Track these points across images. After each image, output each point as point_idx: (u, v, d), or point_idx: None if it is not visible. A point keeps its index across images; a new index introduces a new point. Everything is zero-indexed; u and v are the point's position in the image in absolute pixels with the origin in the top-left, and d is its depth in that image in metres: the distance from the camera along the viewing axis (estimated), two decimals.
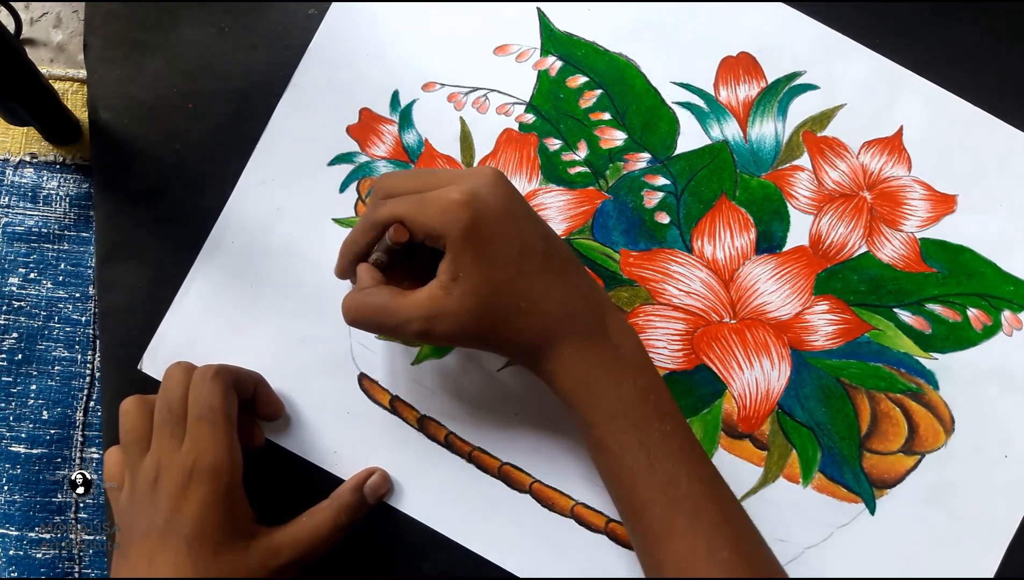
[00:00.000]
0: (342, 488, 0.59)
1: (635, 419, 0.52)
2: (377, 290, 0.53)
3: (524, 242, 0.52)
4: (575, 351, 0.52)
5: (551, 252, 0.54)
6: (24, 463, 0.62)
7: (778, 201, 0.61)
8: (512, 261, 0.52)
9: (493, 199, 0.52)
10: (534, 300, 0.52)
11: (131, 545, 0.53)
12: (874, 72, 0.62)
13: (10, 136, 0.64)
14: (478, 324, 0.51)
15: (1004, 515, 0.60)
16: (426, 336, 0.51)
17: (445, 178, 0.53)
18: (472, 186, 0.51)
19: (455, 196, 0.51)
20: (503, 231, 0.52)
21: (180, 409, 0.55)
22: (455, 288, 0.51)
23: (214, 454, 0.53)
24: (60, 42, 0.66)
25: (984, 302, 0.61)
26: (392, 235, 0.52)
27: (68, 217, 0.64)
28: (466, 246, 0.51)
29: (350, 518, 0.58)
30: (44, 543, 0.62)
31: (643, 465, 0.51)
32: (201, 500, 0.52)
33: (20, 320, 0.63)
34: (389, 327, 0.52)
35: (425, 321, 0.51)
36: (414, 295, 0.51)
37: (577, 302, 0.53)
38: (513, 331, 0.52)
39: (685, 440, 0.53)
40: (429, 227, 0.51)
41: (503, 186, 0.53)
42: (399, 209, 0.52)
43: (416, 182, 0.54)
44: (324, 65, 0.63)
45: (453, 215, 0.50)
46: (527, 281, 0.52)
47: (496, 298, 0.51)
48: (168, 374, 0.57)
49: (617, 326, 0.54)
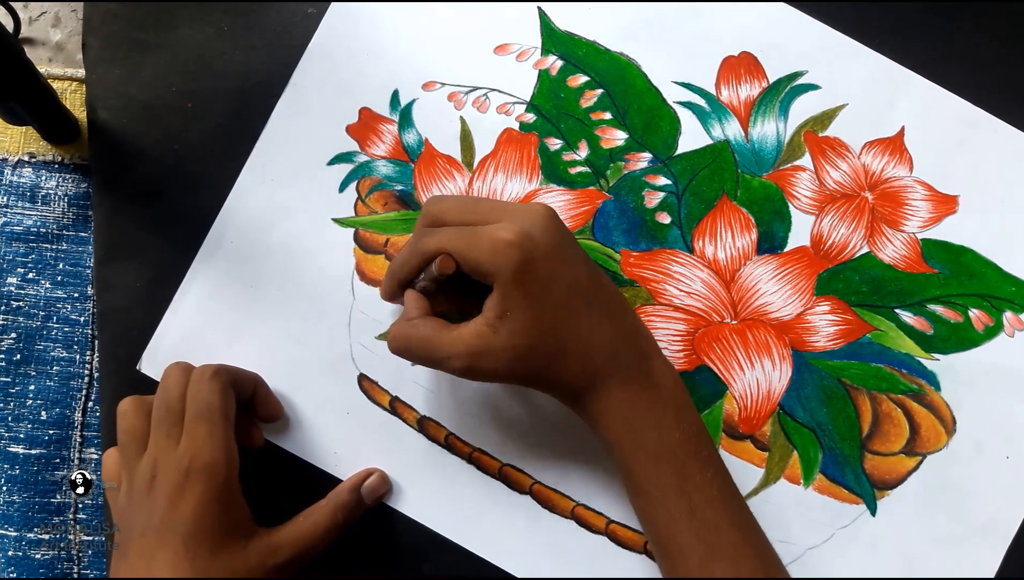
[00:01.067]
0: (340, 488, 0.59)
1: (676, 464, 0.52)
2: (423, 322, 0.53)
3: (573, 282, 0.52)
4: (619, 393, 0.52)
5: (599, 292, 0.53)
6: (23, 463, 0.62)
7: (779, 201, 0.61)
8: (560, 301, 0.52)
9: (544, 239, 0.51)
10: (580, 341, 0.52)
11: (130, 545, 0.53)
12: (876, 72, 0.62)
13: (9, 136, 0.64)
14: (523, 364, 0.51)
15: (1005, 516, 0.59)
16: (469, 373, 0.51)
17: (496, 211, 0.53)
18: (524, 225, 0.51)
19: (507, 236, 0.50)
20: (552, 271, 0.51)
21: (178, 409, 0.55)
22: (502, 326, 0.51)
23: (210, 453, 0.53)
24: (59, 41, 0.66)
25: (986, 303, 0.61)
26: (439, 266, 0.52)
27: (67, 217, 0.64)
28: (515, 286, 0.50)
29: (347, 518, 0.58)
30: (43, 544, 0.62)
31: (684, 511, 0.51)
32: (197, 499, 0.52)
33: (19, 320, 0.63)
34: (433, 361, 0.52)
35: (469, 358, 0.51)
36: (459, 331, 0.51)
37: (622, 343, 0.53)
38: (557, 372, 0.52)
39: (725, 486, 0.53)
40: (478, 264, 0.51)
41: (554, 225, 0.52)
42: (448, 243, 0.52)
43: (465, 212, 0.53)
44: (323, 64, 0.63)
45: (504, 255, 0.50)
46: (574, 321, 0.52)
47: (542, 338, 0.51)
48: (166, 374, 0.57)
49: (661, 368, 0.54)
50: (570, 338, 0.52)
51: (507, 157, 0.62)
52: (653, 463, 0.52)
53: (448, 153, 0.62)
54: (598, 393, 0.52)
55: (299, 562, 0.55)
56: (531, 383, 0.54)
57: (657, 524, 0.52)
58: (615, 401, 0.52)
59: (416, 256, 0.54)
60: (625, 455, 0.52)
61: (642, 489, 0.52)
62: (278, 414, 0.61)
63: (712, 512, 0.51)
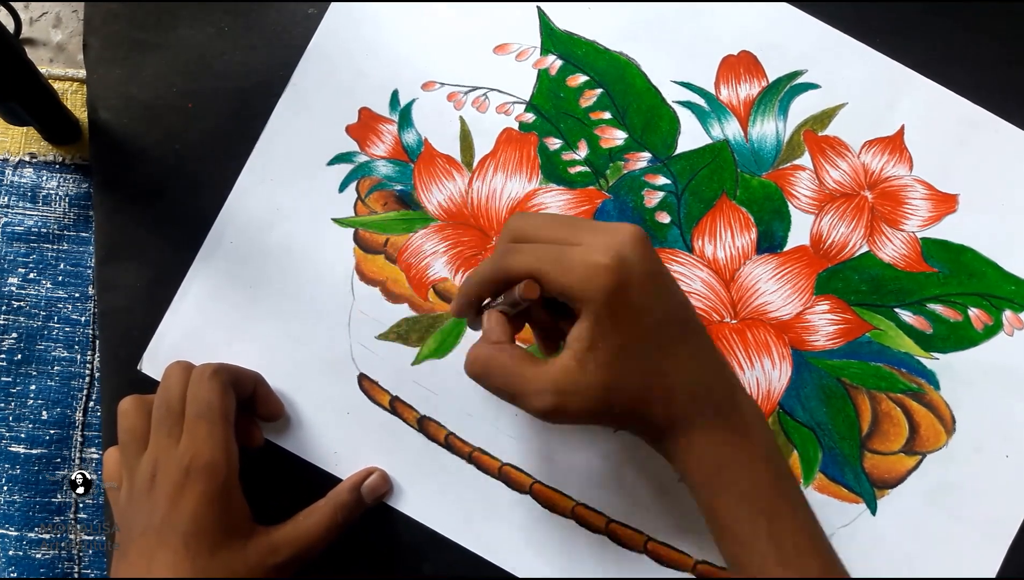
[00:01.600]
0: (340, 487, 0.59)
1: (765, 506, 0.49)
2: (509, 349, 0.50)
3: (664, 313, 0.49)
4: (706, 432, 0.49)
5: (688, 324, 0.50)
6: (24, 463, 0.62)
7: (779, 201, 0.61)
8: (651, 332, 0.48)
9: (640, 265, 0.48)
10: (669, 377, 0.49)
11: (130, 544, 0.53)
12: (875, 71, 0.62)
13: (10, 136, 0.64)
14: (611, 400, 0.48)
15: (1005, 515, 0.59)
16: (556, 413, 0.48)
17: (585, 232, 0.49)
18: (618, 248, 0.47)
19: (602, 259, 0.47)
20: (646, 300, 0.48)
21: (178, 408, 0.55)
22: (590, 360, 0.47)
23: (211, 452, 0.53)
24: (60, 42, 0.66)
25: (985, 302, 0.61)
26: (523, 291, 0.48)
27: (68, 217, 0.64)
28: (607, 314, 0.47)
29: (346, 517, 0.58)
30: (44, 543, 0.62)
31: (774, 556, 0.48)
32: (197, 498, 0.52)
33: (20, 320, 0.63)
34: (514, 394, 0.49)
35: (557, 396, 0.47)
36: (545, 366, 0.48)
37: (711, 381, 0.50)
38: (645, 410, 0.49)
39: (815, 530, 0.50)
40: (568, 288, 0.47)
41: (649, 250, 0.49)
42: (536, 262, 0.48)
43: (554, 230, 0.50)
44: (323, 65, 0.63)
45: (598, 280, 0.46)
46: (664, 356, 0.49)
47: (632, 374, 0.48)
48: (167, 373, 0.57)
49: (747, 406, 0.51)
50: (659, 374, 0.48)
51: (507, 157, 0.62)
52: (741, 505, 0.49)
53: (448, 153, 0.62)
54: (685, 432, 0.49)
55: (299, 561, 0.55)
56: (615, 422, 0.50)
57: (746, 567, 0.49)
58: (703, 441, 0.49)
59: (499, 273, 0.50)
60: (712, 496, 0.49)
61: (730, 531, 0.49)
62: (279, 413, 0.61)
63: (804, 559, 0.49)
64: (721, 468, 0.49)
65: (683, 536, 0.60)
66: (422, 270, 0.61)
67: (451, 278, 0.61)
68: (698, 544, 0.60)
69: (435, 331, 0.61)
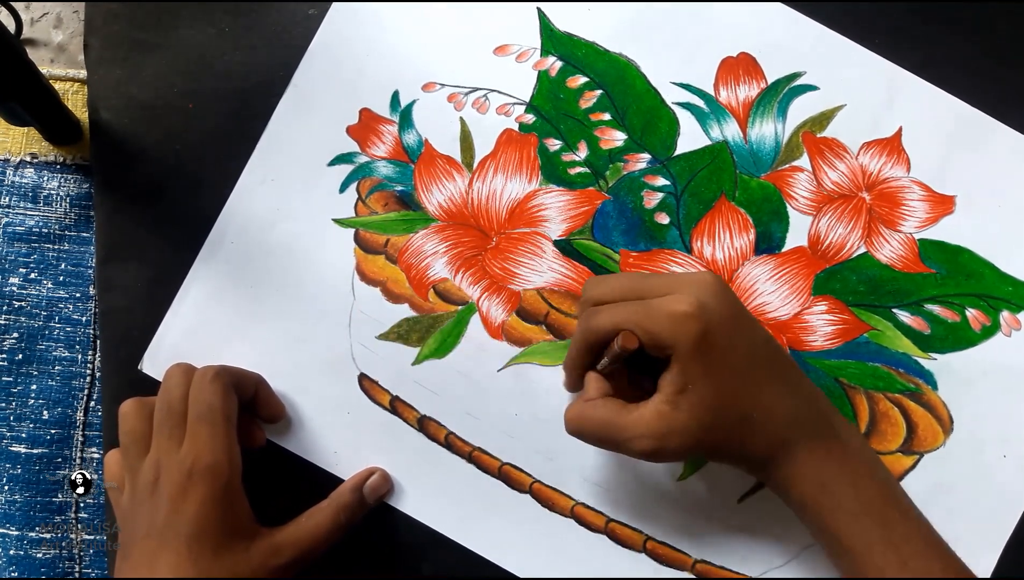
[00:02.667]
0: (342, 488, 0.59)
1: (878, 517, 0.50)
2: (602, 402, 0.52)
3: (750, 349, 0.52)
4: (809, 456, 0.51)
5: (775, 357, 0.53)
6: (24, 463, 0.62)
7: (777, 202, 0.61)
8: (739, 370, 0.51)
9: (720, 308, 0.51)
10: (763, 409, 0.51)
11: (133, 546, 0.53)
12: (874, 73, 0.62)
13: (10, 136, 0.64)
14: (708, 437, 0.50)
15: (1002, 515, 0.60)
16: (656, 455, 0.50)
17: (662, 285, 0.52)
18: (699, 296, 0.50)
19: (684, 307, 0.50)
20: (730, 340, 0.51)
21: (180, 410, 0.55)
22: (682, 401, 0.50)
23: (213, 454, 0.53)
24: (60, 42, 0.66)
25: (983, 302, 0.61)
26: (622, 342, 0.50)
27: (68, 217, 0.64)
28: (695, 358, 0.50)
29: (349, 518, 0.58)
30: (44, 543, 0.62)
31: (894, 563, 0.50)
32: (200, 500, 0.52)
33: (21, 320, 0.63)
34: (614, 442, 0.51)
35: (655, 439, 0.50)
36: (639, 411, 0.50)
37: (804, 407, 0.52)
38: (743, 443, 0.51)
39: (930, 534, 0.52)
40: (656, 337, 0.50)
41: (727, 293, 0.52)
42: (623, 318, 0.51)
43: (632, 289, 0.53)
44: (324, 65, 0.63)
45: (683, 327, 0.49)
46: (755, 388, 0.51)
47: (725, 410, 0.50)
48: (168, 375, 0.57)
49: (842, 423, 0.53)
50: (753, 407, 0.51)
51: (507, 158, 0.62)
52: (854, 520, 0.50)
53: (448, 154, 0.62)
54: (788, 459, 0.51)
55: (301, 562, 0.55)
56: (716, 457, 0.53)
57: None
58: (806, 465, 0.51)
59: (589, 335, 0.53)
60: (823, 515, 0.51)
61: (845, 547, 0.50)
62: (280, 415, 0.61)
63: (924, 562, 0.50)
64: (827, 485, 0.51)
65: (682, 535, 0.60)
66: (422, 270, 0.61)
67: (451, 278, 0.61)
68: (697, 543, 0.60)
69: (435, 331, 0.61)
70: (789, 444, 0.51)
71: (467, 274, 0.61)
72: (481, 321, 0.61)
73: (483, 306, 0.61)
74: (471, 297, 0.61)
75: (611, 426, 0.51)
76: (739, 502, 0.60)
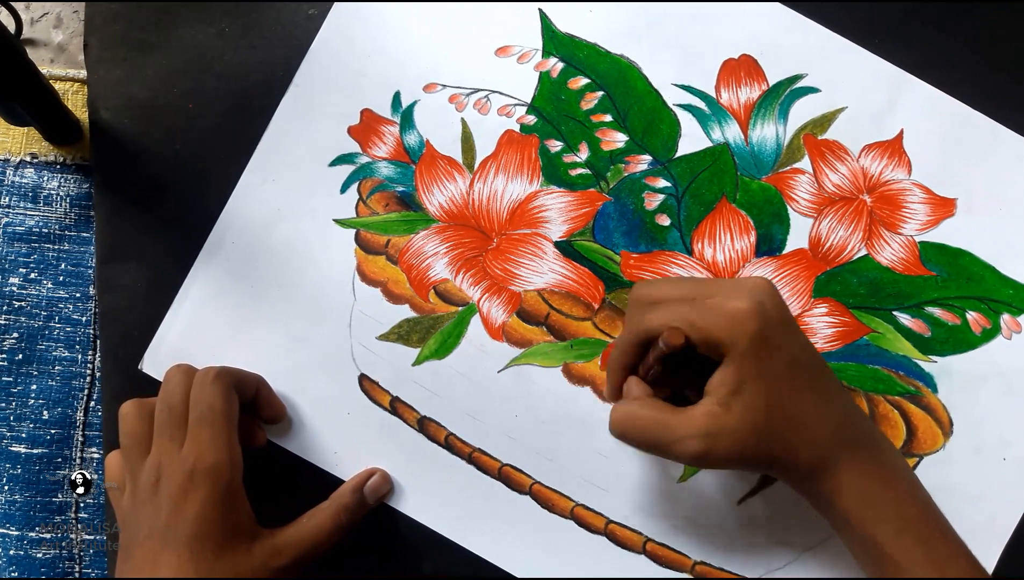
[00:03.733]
0: (343, 489, 0.59)
1: (920, 534, 0.50)
2: (650, 402, 0.51)
3: (799, 356, 0.51)
4: (853, 468, 0.50)
5: (822, 367, 0.52)
6: (24, 463, 0.62)
7: (778, 204, 0.61)
8: (790, 375, 0.50)
9: (776, 311, 0.50)
10: (810, 417, 0.50)
11: (135, 547, 0.53)
12: (875, 75, 0.62)
13: (11, 136, 0.64)
14: (758, 443, 0.49)
15: (1001, 517, 0.60)
16: (705, 458, 0.49)
17: (715, 287, 0.51)
18: (756, 295, 0.50)
19: (743, 305, 0.49)
20: (784, 344, 0.50)
21: (181, 411, 0.55)
22: (735, 403, 0.49)
23: (214, 455, 0.53)
24: (60, 42, 0.66)
25: (983, 305, 0.61)
26: (667, 339, 0.49)
27: (68, 217, 0.64)
28: (751, 358, 0.49)
29: (350, 518, 0.58)
30: (44, 543, 0.62)
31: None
32: (201, 501, 0.52)
33: (21, 320, 0.63)
34: (663, 444, 0.50)
35: (705, 439, 0.48)
36: (689, 412, 0.49)
37: (848, 419, 0.51)
38: (790, 451, 0.50)
39: (970, 554, 0.51)
40: (712, 335, 0.49)
41: (780, 297, 0.51)
42: (675, 316, 0.50)
43: (683, 289, 0.52)
44: (326, 66, 0.63)
45: (741, 325, 0.49)
46: (803, 397, 0.50)
47: (775, 415, 0.49)
48: (168, 376, 0.57)
49: (883, 438, 0.52)
50: (801, 413, 0.50)
51: (508, 159, 0.62)
52: (898, 535, 0.49)
53: (449, 154, 0.62)
54: (831, 471, 0.50)
55: (302, 563, 0.55)
56: (763, 465, 0.52)
57: None
58: (850, 477, 0.50)
59: (639, 335, 0.52)
60: (867, 530, 0.50)
61: (891, 559, 0.49)
62: (281, 415, 0.61)
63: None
64: (872, 501, 0.50)
65: (682, 537, 0.60)
66: (423, 271, 0.61)
67: (452, 279, 0.61)
68: (697, 545, 0.60)
69: (436, 332, 0.61)
70: (834, 457, 0.50)
71: (468, 275, 0.61)
72: (482, 322, 0.61)
73: (484, 307, 0.61)
74: (472, 298, 0.61)
75: (660, 425, 0.50)
76: (739, 504, 0.60)
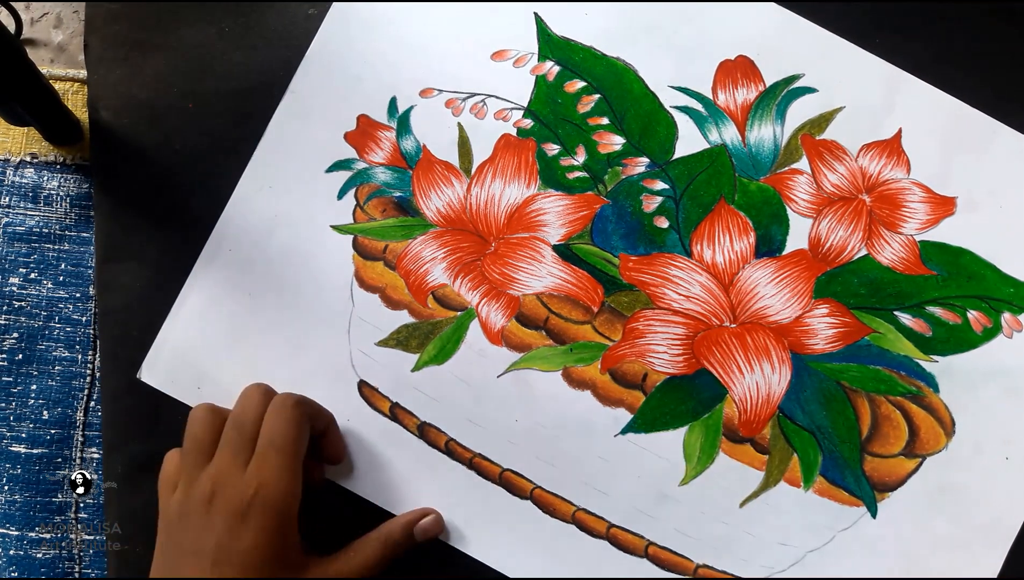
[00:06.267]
0: (392, 524, 0.58)
1: None
2: None
3: None
4: None
5: None
6: (24, 463, 0.62)
7: (777, 205, 0.61)
8: None
9: None
10: None
11: (178, 557, 0.53)
12: (873, 75, 0.62)
13: (10, 136, 0.64)
14: None
15: (1006, 517, 0.60)
16: None
17: None
18: None
19: None
20: None
21: (251, 432, 0.54)
22: None
23: (278, 485, 0.52)
24: (60, 42, 0.66)
25: (984, 304, 0.60)
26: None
27: (68, 217, 0.64)
28: None
29: (396, 555, 0.57)
30: (44, 543, 0.62)
31: None
32: (259, 530, 0.52)
33: (20, 320, 0.63)
34: None
35: None
36: None
37: None
38: None
39: None
40: None
41: None
42: None
43: None
44: (322, 71, 0.63)
45: None
46: None
47: None
48: (246, 393, 0.56)
49: None
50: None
51: (505, 163, 0.62)
52: None
53: (446, 159, 0.62)
54: None
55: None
56: None
57: None
58: None
59: None
60: None
61: None
62: (342, 457, 0.60)
63: None
64: None
65: (684, 540, 0.60)
66: (421, 276, 0.61)
67: (450, 284, 0.61)
68: (699, 548, 0.60)
69: (435, 337, 0.61)
70: None
71: (466, 280, 0.61)
72: (480, 327, 0.61)
73: (482, 312, 0.61)
74: (470, 303, 0.61)
75: None
76: (741, 506, 0.60)
